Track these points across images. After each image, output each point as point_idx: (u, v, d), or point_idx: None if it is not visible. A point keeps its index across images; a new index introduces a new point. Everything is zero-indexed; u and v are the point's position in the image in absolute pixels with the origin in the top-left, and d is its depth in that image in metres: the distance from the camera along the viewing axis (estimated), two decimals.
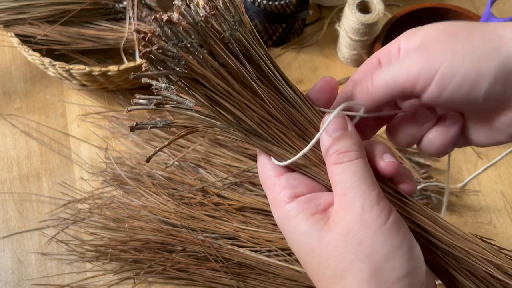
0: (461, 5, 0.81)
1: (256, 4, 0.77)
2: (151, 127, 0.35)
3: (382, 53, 0.37)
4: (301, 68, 0.83)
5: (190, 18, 0.31)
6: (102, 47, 0.77)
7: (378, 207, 0.32)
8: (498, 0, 0.73)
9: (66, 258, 0.70)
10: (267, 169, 0.36)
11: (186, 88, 0.32)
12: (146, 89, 0.79)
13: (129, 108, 0.34)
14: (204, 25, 0.31)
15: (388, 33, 0.79)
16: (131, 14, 0.76)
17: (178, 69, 0.31)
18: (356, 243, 0.31)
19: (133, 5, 0.76)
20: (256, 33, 0.34)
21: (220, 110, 0.33)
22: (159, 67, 0.31)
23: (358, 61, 0.82)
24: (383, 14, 0.74)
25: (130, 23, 0.76)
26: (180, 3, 0.31)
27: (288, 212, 0.34)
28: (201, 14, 0.31)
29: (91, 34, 0.76)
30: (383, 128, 0.40)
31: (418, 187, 0.70)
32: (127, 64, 0.70)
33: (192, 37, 0.31)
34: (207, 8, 0.31)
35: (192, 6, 0.31)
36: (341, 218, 0.32)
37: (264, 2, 0.76)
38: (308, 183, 0.35)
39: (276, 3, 0.77)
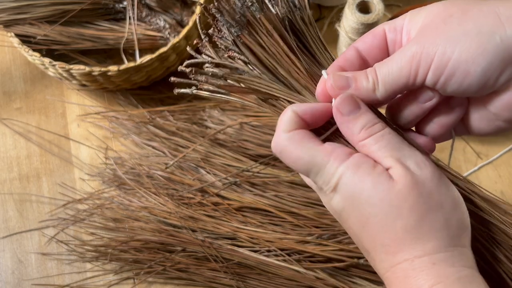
0: None
1: None
2: (210, 77, 0.38)
3: (388, 25, 0.37)
4: None
5: None
6: (102, 47, 0.77)
7: (430, 162, 0.33)
8: None
9: (66, 258, 0.70)
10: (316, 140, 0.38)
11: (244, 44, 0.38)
12: (145, 89, 0.80)
13: (187, 63, 0.38)
14: None
15: None
16: (131, 14, 0.76)
17: (240, 22, 0.37)
18: (426, 195, 0.32)
19: (133, 5, 0.76)
20: (314, 21, 0.39)
21: (269, 67, 0.38)
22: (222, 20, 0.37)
23: None
24: (383, 14, 0.74)
25: (130, 23, 0.76)
26: None
27: (352, 164, 0.33)
28: None
29: (91, 34, 0.76)
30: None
31: None
32: (127, 64, 0.70)
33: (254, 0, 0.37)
34: None
35: None
36: (399, 174, 0.32)
37: None
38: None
39: None
